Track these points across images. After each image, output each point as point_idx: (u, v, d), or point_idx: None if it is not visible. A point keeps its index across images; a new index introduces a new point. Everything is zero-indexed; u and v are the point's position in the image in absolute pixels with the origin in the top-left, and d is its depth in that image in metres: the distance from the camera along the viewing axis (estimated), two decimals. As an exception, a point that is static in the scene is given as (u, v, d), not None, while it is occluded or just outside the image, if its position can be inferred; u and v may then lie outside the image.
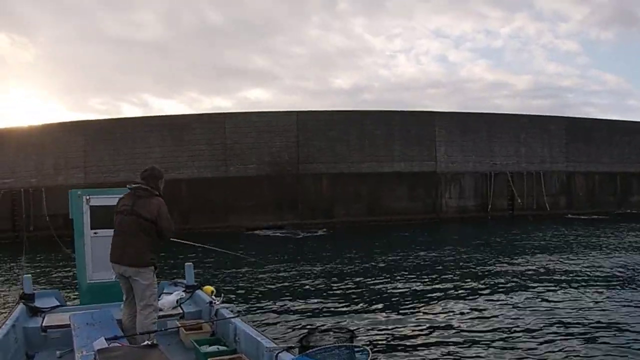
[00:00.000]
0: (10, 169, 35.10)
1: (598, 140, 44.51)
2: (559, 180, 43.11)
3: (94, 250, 8.95)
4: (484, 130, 41.99)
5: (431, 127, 40.67)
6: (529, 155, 42.54)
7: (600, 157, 44.32)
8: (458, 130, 41.28)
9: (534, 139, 42.96)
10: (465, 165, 40.96)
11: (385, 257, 21.90)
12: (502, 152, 41.96)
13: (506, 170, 41.39)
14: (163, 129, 36.01)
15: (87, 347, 5.92)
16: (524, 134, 42.81)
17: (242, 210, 36.22)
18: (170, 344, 7.10)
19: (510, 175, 41.35)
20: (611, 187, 44.55)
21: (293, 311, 12.08)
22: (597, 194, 44.11)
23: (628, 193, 45.06)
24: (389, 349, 8.96)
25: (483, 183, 41.01)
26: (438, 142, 40.56)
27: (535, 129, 43.27)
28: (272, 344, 5.77)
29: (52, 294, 9.21)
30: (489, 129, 42.17)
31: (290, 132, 38.27)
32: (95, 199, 9.07)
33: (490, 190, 40.85)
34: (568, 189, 43.36)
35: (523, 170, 41.86)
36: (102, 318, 7.36)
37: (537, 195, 41.81)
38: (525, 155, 42.48)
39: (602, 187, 44.32)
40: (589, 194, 43.86)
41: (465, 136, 41.35)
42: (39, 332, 7.33)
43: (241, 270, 18.75)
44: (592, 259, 19.96)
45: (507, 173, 41.32)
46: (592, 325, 10.89)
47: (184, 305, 8.62)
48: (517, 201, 41.16)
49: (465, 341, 9.93)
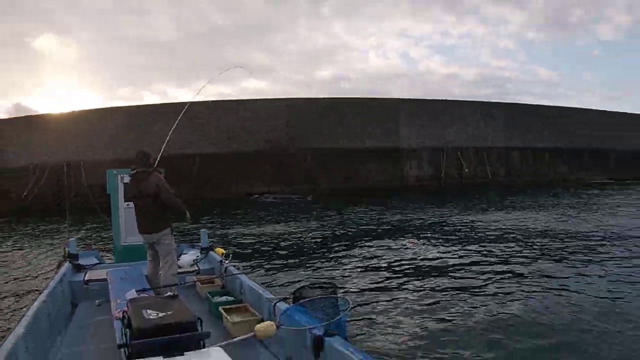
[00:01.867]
0: (55, 147, 34.77)
1: (532, 122, 44.60)
2: (499, 154, 43.27)
3: (126, 219, 8.97)
4: (438, 114, 42.03)
5: (396, 111, 40.66)
6: (475, 134, 42.68)
7: (533, 135, 44.48)
8: (417, 114, 41.28)
9: (479, 121, 43.10)
10: (423, 142, 40.96)
11: (360, 218, 22.02)
12: (453, 132, 42.04)
13: (456, 146, 41.55)
14: (177, 113, 35.22)
15: (120, 297, 5.91)
16: (471, 117, 42.96)
17: (243, 180, 36.21)
18: (188, 295, 7.10)
19: (460, 150, 41.50)
20: (541, 160, 44.79)
21: (289, 268, 12.08)
22: (529, 165, 44.40)
23: (556, 165, 45.36)
24: (363, 296, 9.02)
25: (437, 157, 41.13)
26: (402, 124, 40.56)
27: (480, 113, 43.39)
28: (270, 295, 5.81)
29: (92, 254, 9.20)
30: (443, 113, 42.24)
31: (282, 116, 38.14)
32: (127, 177, 9.03)
33: (444, 162, 41.03)
34: (506, 162, 43.59)
35: (470, 146, 42.02)
36: (133, 274, 7.38)
37: (481, 167, 42.07)
38: (472, 134, 42.60)
39: (534, 160, 44.58)
40: (523, 166, 44.15)
41: (424, 119, 41.36)
42: (82, 285, 7.34)
43: (246, 232, 18.73)
44: (518, 215, 20.23)
45: (457, 149, 41.51)
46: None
47: (199, 263, 8.64)
48: (465, 171, 41.39)
49: (417, 275, 10.03)
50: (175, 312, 3.74)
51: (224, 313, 5.82)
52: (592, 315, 7.65)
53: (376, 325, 7.32)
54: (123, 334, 3.95)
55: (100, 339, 5.42)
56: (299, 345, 4.53)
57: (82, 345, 5.34)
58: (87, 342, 5.41)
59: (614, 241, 14.51)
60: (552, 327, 7.24)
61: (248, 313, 5.87)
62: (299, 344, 4.53)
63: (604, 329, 7.06)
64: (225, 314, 5.78)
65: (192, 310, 3.89)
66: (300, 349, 4.49)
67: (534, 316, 7.73)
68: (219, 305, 6.16)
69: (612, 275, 10.30)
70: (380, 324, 7.39)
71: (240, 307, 6.09)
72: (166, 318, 3.59)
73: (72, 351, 5.17)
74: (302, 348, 4.44)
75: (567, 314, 7.78)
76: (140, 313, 3.67)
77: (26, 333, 4.51)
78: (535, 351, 6.40)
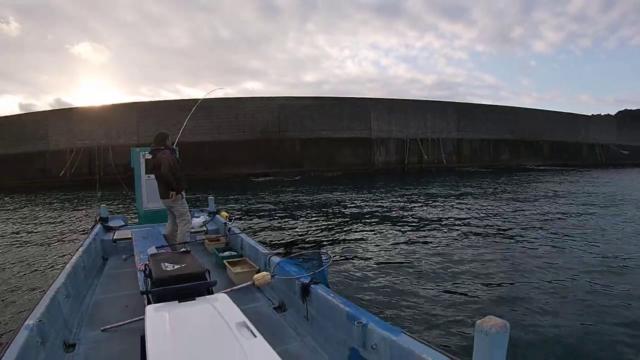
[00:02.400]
0: (88, 134, 34.80)
1: (479, 118, 44.85)
2: (452, 144, 43.44)
3: (147, 188, 8.96)
4: (402, 111, 41.96)
5: (367, 108, 40.60)
6: (432, 127, 42.73)
7: (480, 129, 44.69)
8: (385, 110, 41.22)
9: (436, 116, 43.15)
10: (389, 133, 40.98)
11: (338, 194, 22.01)
12: (414, 125, 42.04)
13: (417, 137, 41.61)
14: (189, 108, 35.13)
15: (143, 252, 5.94)
16: (429, 114, 42.98)
17: (243, 162, 36.08)
18: (198, 250, 7.08)
19: (420, 140, 41.57)
20: (487, 149, 45.02)
21: (281, 229, 12.10)
22: (477, 153, 44.65)
23: (498, 153, 45.62)
24: (342, 252, 9.03)
25: (401, 146, 41.17)
26: (372, 118, 40.53)
27: (437, 110, 43.41)
28: (266, 250, 5.80)
29: (119, 217, 9.16)
30: (406, 110, 42.17)
31: (274, 111, 37.93)
32: (148, 154, 9.02)
33: (406, 150, 41.10)
34: (458, 150, 43.76)
35: (428, 137, 42.11)
36: (153, 233, 7.43)
37: (437, 154, 42.21)
38: (430, 127, 42.64)
39: (481, 149, 44.82)
40: (472, 154, 44.38)
41: (390, 114, 41.31)
42: (111, 242, 7.30)
43: (246, 201, 18.71)
44: (466, 190, 20.39)
45: (417, 139, 41.56)
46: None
47: (207, 225, 8.61)
48: (425, 158, 41.51)
49: (384, 243, 10.06)
50: (188, 265, 3.74)
51: (227, 265, 5.80)
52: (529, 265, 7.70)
53: (353, 276, 7.36)
54: (145, 282, 3.96)
55: (126, 286, 5.40)
56: (289, 291, 4.55)
57: (112, 292, 5.31)
58: (116, 289, 5.38)
59: (544, 214, 14.70)
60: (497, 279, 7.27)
61: (247, 265, 5.85)
62: (289, 291, 4.55)
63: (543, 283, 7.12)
64: (228, 266, 5.76)
65: (201, 263, 3.87)
66: (291, 294, 4.50)
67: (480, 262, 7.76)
68: (224, 258, 6.14)
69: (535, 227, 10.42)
70: (356, 274, 7.43)
71: (241, 260, 6.07)
72: (180, 269, 3.59)
73: (103, 297, 5.15)
74: (292, 293, 4.45)
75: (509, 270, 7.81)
76: (159, 265, 3.69)
77: (66, 281, 4.52)
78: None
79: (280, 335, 3.97)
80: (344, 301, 3.66)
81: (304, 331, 4.05)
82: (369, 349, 3.16)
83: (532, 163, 45.69)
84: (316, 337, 3.87)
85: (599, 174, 34.35)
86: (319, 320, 3.89)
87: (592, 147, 50.61)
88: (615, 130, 53.53)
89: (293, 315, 4.39)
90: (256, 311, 4.54)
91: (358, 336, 3.23)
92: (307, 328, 4.06)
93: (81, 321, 4.40)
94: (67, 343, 3.80)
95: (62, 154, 34.05)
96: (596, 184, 25.84)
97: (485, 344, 2.13)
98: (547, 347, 4.77)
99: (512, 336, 2.20)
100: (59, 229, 13.53)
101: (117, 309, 4.69)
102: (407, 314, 5.60)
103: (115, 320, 4.23)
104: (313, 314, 4.02)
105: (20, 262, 9.30)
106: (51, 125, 35.19)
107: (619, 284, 6.79)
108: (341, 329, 3.48)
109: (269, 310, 4.64)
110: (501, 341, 2.12)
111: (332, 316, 3.66)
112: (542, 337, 4.97)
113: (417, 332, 4.85)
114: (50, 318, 3.61)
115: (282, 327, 4.21)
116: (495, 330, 2.11)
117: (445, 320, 5.37)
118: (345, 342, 3.40)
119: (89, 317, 4.51)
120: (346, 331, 3.39)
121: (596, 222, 12.62)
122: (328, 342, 3.68)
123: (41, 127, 35.22)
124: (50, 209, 18.87)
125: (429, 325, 5.24)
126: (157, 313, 2.86)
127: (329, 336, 3.67)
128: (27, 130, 35.11)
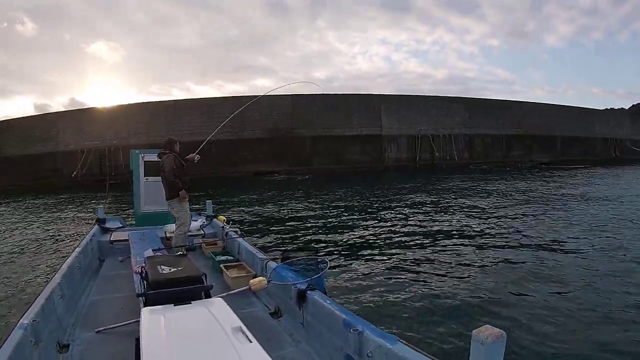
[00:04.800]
0: (99, 134, 35.19)
1: (491, 114, 44.28)
2: (464, 140, 42.97)
3: (146, 190, 9.03)
4: (413, 107, 41.61)
5: (378, 105, 40.35)
6: (444, 123, 42.23)
7: (491, 124, 44.16)
8: (396, 107, 40.92)
9: (447, 112, 42.61)
10: (400, 130, 40.65)
11: (348, 193, 21.93)
12: (425, 121, 41.63)
13: (428, 134, 41.25)
14: (201, 107, 35.75)
15: (139, 255, 5.95)
16: (441, 110, 42.48)
17: (251, 161, 36.13)
18: (195, 254, 7.16)
19: (431, 137, 41.24)
20: (499, 145, 44.48)
21: (279, 233, 12.04)
22: (489, 149, 44.14)
23: (510, 149, 45.02)
24: (342, 257, 8.93)
25: (413, 142, 40.84)
26: (382, 115, 40.30)
27: (447, 106, 42.95)
28: (263, 255, 5.78)
29: (117, 218, 9.28)
30: (417, 106, 41.80)
31: (285, 108, 37.84)
32: (147, 156, 9.10)
33: (418, 147, 40.79)
34: (470, 147, 43.29)
35: (440, 134, 41.72)
36: (150, 236, 7.43)
37: (449, 151, 41.82)
38: (442, 123, 42.16)
39: (492, 145, 44.29)
40: (484, 150, 43.88)
41: (401, 111, 41.00)
42: (108, 244, 7.39)
43: (247, 204, 18.65)
44: (480, 190, 20.19)
45: (429, 136, 41.20)
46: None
47: (205, 228, 8.62)
48: (436, 155, 41.15)
49: (388, 239, 9.95)
50: (185, 268, 3.78)
51: (224, 269, 5.79)
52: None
53: (351, 283, 7.27)
54: (141, 285, 4.03)
55: (122, 288, 5.42)
56: (285, 297, 4.54)
57: (107, 293, 5.35)
58: (112, 291, 5.42)
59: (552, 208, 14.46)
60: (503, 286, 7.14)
61: (244, 270, 5.83)
62: (285, 296, 4.54)
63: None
64: (225, 270, 5.75)
65: (198, 266, 3.93)
66: (287, 300, 4.48)
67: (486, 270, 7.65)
68: (220, 262, 6.14)
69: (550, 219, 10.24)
70: (354, 282, 7.34)
71: (237, 265, 6.06)
72: (177, 272, 3.65)
73: (98, 298, 5.18)
74: (288, 299, 4.44)
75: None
76: (155, 268, 3.74)
77: (61, 282, 4.57)
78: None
79: (276, 341, 3.94)
80: (340, 308, 3.63)
81: (300, 337, 4.03)
82: (364, 356, 3.12)
83: (545, 159, 45.04)
84: (312, 343, 3.84)
85: (617, 171, 32.41)
86: (315, 326, 3.85)
87: (606, 142, 49.82)
88: (629, 125, 52.66)
89: (289, 321, 4.36)
90: (252, 316, 4.52)
91: (354, 344, 3.20)
92: (302, 334, 4.04)
93: (76, 322, 4.40)
94: (61, 344, 3.82)
95: (73, 154, 34.47)
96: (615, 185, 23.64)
97: (481, 353, 2.12)
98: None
99: (508, 346, 2.17)
100: (65, 227, 13.92)
101: (113, 311, 4.69)
102: (404, 322, 5.53)
103: (110, 322, 4.22)
104: (309, 320, 3.98)
105: (22, 263, 9.40)
106: (62, 126, 35.70)
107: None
108: (337, 336, 3.45)
109: (265, 315, 4.63)
110: (497, 351, 2.11)
111: (328, 323, 3.63)
112: (541, 348, 4.83)
113: (413, 341, 4.73)
114: (44, 318, 3.61)
115: (278, 332, 4.19)
116: (492, 339, 2.09)
117: (442, 329, 5.27)
118: (341, 350, 3.38)
119: (84, 318, 4.52)
120: (342, 338, 3.37)
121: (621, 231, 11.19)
122: (324, 348, 3.65)
123: (53, 128, 35.66)
124: (58, 209, 19.22)
125: (425, 334, 5.17)
126: (152, 316, 2.86)
127: (325, 343, 3.64)
128: (39, 132, 35.50)
